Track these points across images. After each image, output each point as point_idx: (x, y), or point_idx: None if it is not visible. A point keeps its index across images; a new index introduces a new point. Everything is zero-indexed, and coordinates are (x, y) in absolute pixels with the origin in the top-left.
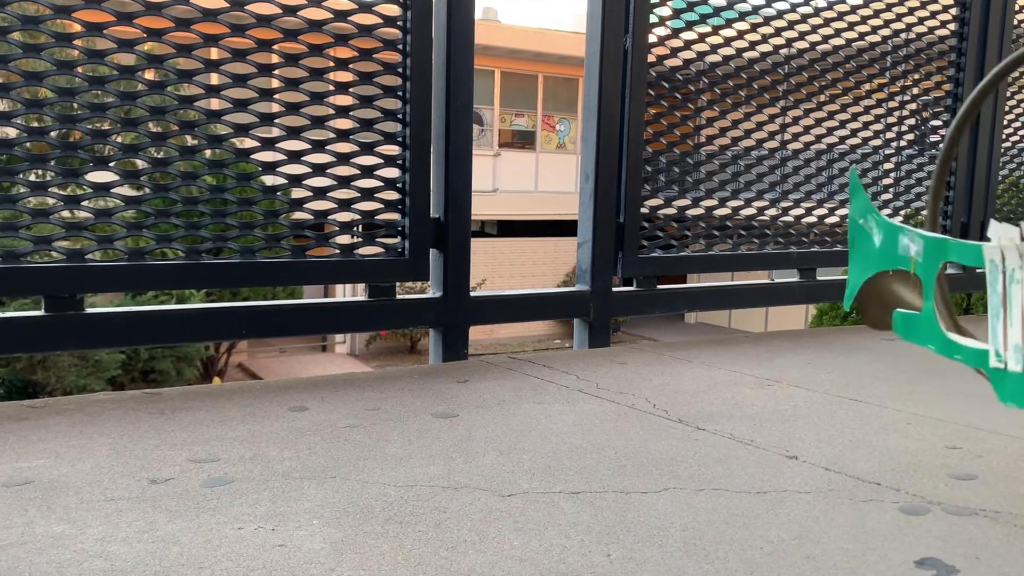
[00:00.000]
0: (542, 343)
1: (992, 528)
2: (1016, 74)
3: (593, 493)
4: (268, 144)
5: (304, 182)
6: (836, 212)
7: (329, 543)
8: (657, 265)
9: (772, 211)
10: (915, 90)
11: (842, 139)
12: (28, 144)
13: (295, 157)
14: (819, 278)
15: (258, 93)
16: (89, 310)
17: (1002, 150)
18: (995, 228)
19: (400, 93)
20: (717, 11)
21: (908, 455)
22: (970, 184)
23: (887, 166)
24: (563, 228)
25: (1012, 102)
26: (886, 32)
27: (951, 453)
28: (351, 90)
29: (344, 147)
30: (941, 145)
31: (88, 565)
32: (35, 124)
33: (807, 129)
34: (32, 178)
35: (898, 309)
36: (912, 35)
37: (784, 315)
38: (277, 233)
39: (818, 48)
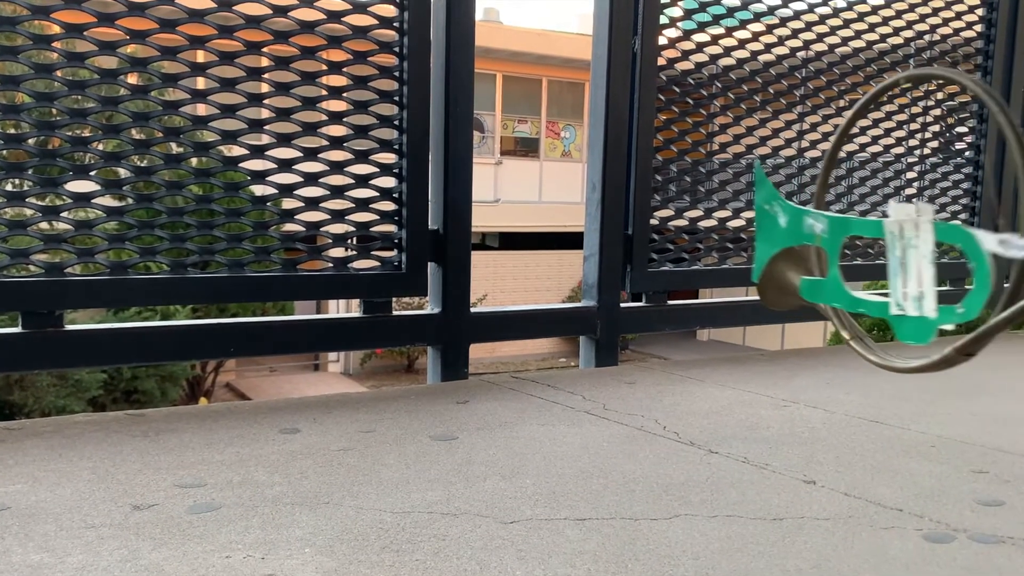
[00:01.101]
0: (546, 362)
1: (1021, 557)
2: None
3: (600, 520)
4: (257, 152)
5: (295, 192)
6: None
7: (322, 572)
8: (667, 279)
9: None
10: (939, 95)
11: (862, 147)
12: (4, 152)
13: (286, 165)
14: None
15: (247, 98)
16: (69, 327)
17: None
18: (894, 207)
19: (397, 98)
20: (731, 12)
21: (932, 480)
22: (998, 198)
23: (910, 175)
24: (568, 240)
25: None
26: (909, 33)
27: (978, 478)
28: (345, 95)
29: (338, 155)
30: (821, 163)
31: None
32: (11, 131)
33: (825, 136)
34: (8, 188)
35: (790, 286)
36: (936, 36)
37: (801, 332)
38: (267, 246)
39: (837, 50)
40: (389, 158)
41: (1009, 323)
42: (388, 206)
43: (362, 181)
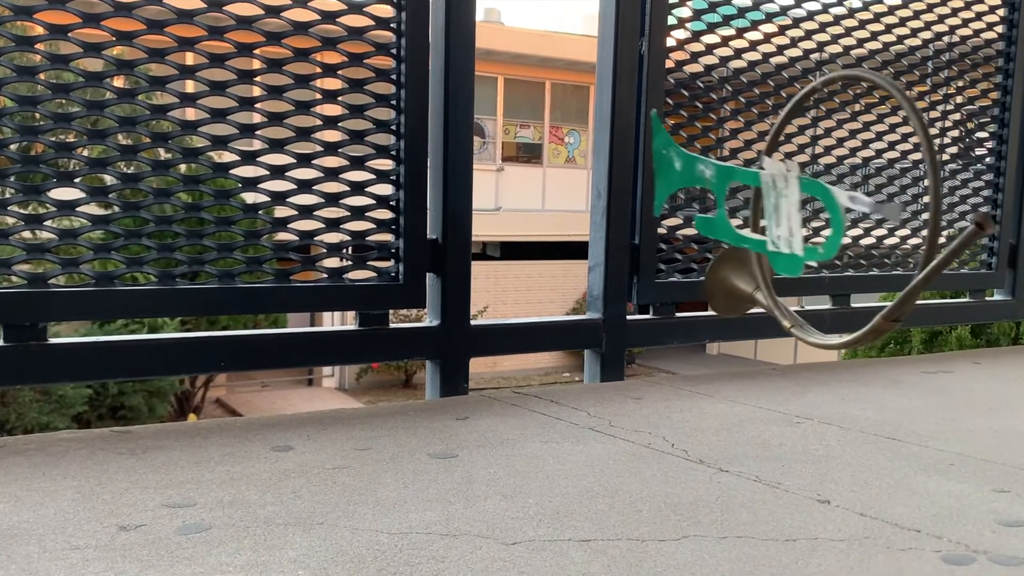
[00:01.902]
0: (549, 376)
1: None
2: None
3: (605, 541)
4: (249, 158)
5: (288, 200)
6: (872, 233)
7: None
8: (676, 291)
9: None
10: (959, 99)
11: (878, 152)
12: None
13: (278, 172)
14: (853, 305)
15: (238, 102)
16: (52, 340)
17: None
18: (768, 162)
19: (394, 102)
20: (742, 12)
21: (951, 499)
22: (1019, 207)
23: (927, 182)
24: (573, 250)
25: None
26: (927, 35)
27: (999, 497)
28: (340, 99)
29: (332, 161)
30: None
31: None
32: None
33: (840, 141)
34: None
35: (738, 291)
36: (955, 38)
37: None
38: (259, 256)
39: (852, 53)
40: (386, 164)
41: (925, 286)
42: (385, 214)
43: (358, 188)
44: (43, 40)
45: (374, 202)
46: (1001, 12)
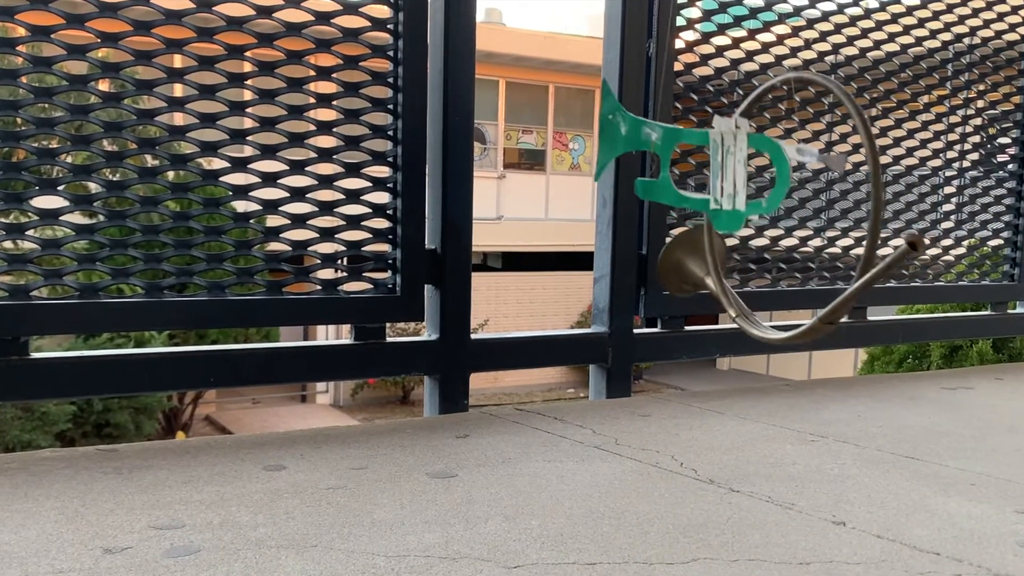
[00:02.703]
0: (553, 392)
1: None
2: None
3: (611, 564)
4: (240, 165)
5: (281, 208)
6: (890, 243)
7: None
8: (685, 303)
9: (816, 241)
10: (980, 103)
11: (896, 159)
12: None
13: (270, 180)
14: (870, 318)
15: (228, 106)
16: (35, 355)
17: None
18: (717, 120)
19: (391, 106)
20: (754, 13)
21: (972, 521)
22: None
23: (948, 190)
24: (577, 261)
25: None
26: (947, 37)
27: (1021, 519)
28: (335, 103)
29: (327, 168)
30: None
31: None
32: None
33: (856, 148)
34: None
35: (691, 275)
36: (977, 40)
37: (830, 360)
38: (250, 267)
39: (869, 55)
40: (382, 171)
41: (861, 292)
42: (381, 224)
43: (353, 197)
44: (25, 42)
45: (370, 211)
46: None
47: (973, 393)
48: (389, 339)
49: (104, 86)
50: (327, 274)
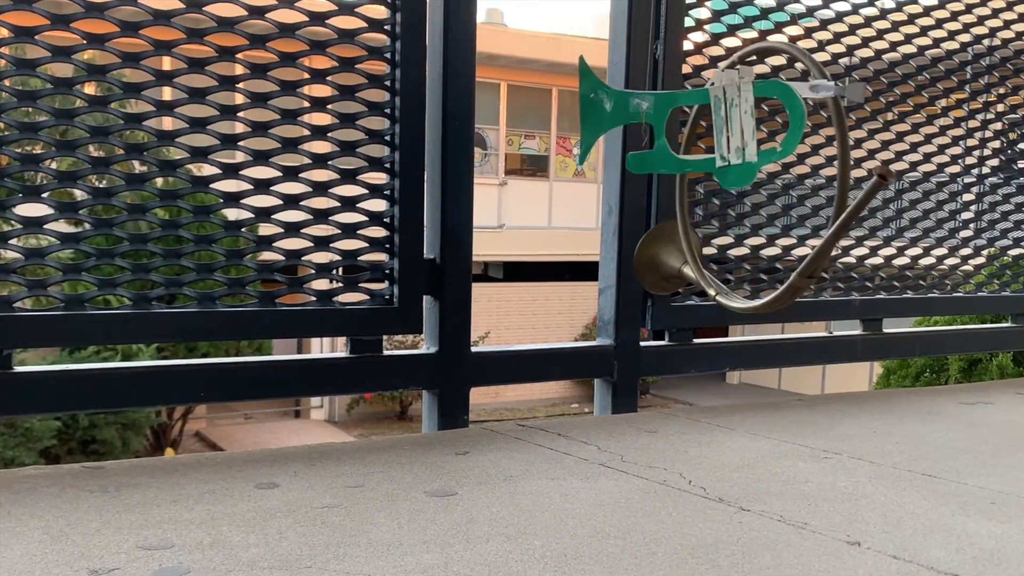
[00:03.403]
0: (556, 408)
1: None
2: None
3: None
4: (231, 171)
5: (274, 216)
6: (907, 252)
7: None
8: (694, 315)
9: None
10: (1000, 106)
11: (913, 165)
12: None
13: (263, 186)
14: (886, 330)
15: (219, 110)
16: (18, 368)
17: None
18: (718, 74)
19: (388, 111)
20: (765, 13)
21: (991, 541)
22: None
23: (967, 197)
24: (581, 271)
25: None
26: (966, 38)
27: None
28: (330, 107)
29: (321, 175)
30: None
31: None
32: None
33: (872, 153)
34: None
35: (668, 269)
36: (997, 41)
37: (844, 374)
38: (242, 277)
39: (884, 57)
40: (379, 178)
41: (837, 239)
42: (378, 232)
43: (349, 204)
44: (8, 44)
45: (366, 219)
46: None
47: (993, 408)
48: (386, 352)
49: (90, 89)
50: (322, 285)
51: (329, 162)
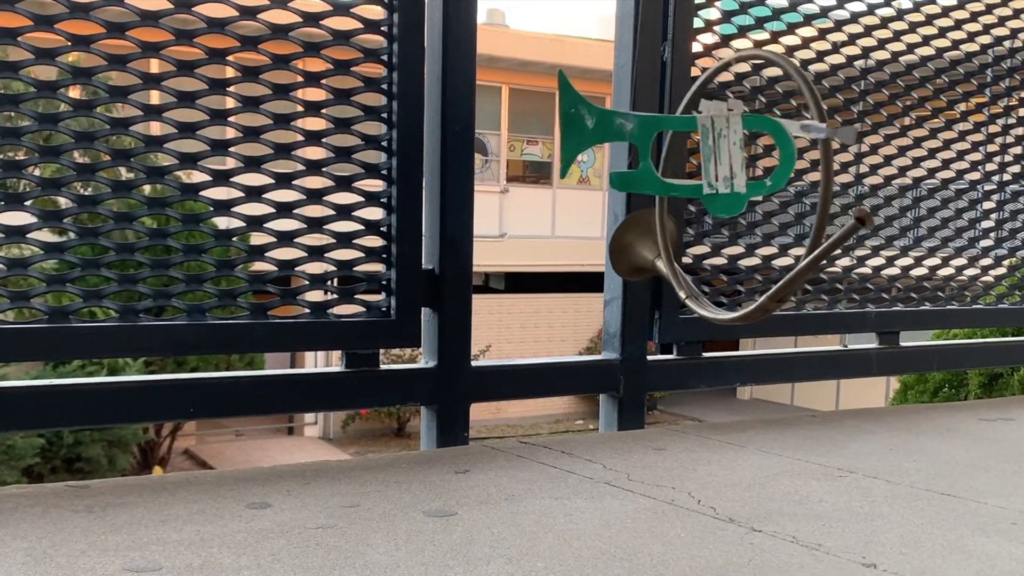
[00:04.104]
0: (560, 424)
1: None
2: None
3: None
4: (221, 178)
5: (266, 225)
6: (924, 262)
7: None
8: (703, 328)
9: (845, 261)
10: (1022, 111)
11: (931, 172)
12: None
13: (255, 194)
14: (903, 344)
15: (209, 115)
16: (0, 384)
17: None
18: (706, 104)
19: (384, 115)
20: (777, 14)
21: (1013, 563)
22: None
23: (987, 205)
24: (586, 282)
25: None
26: (986, 39)
27: None
28: (324, 111)
29: (315, 182)
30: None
31: None
32: None
33: (888, 160)
34: None
35: (643, 259)
36: (1018, 43)
37: (859, 390)
38: (232, 288)
39: (902, 59)
40: (376, 185)
41: (808, 272)
42: (374, 242)
43: (344, 212)
44: None
45: (362, 228)
46: None
47: (1014, 425)
48: (383, 366)
49: (75, 93)
50: (316, 296)
51: (323, 168)
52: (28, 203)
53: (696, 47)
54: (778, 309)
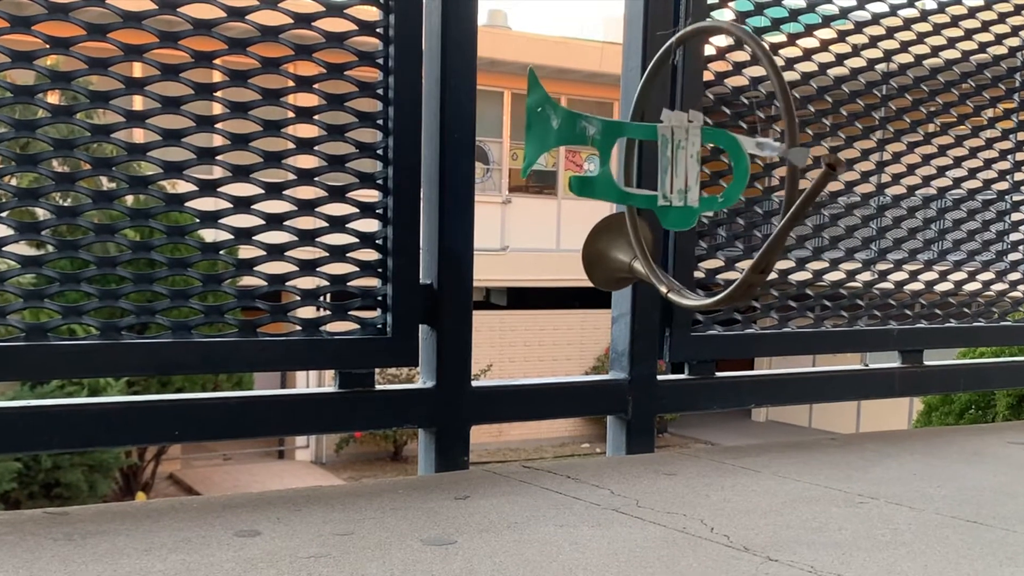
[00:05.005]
0: (565, 447)
1: None
2: None
3: None
4: (208, 188)
5: (255, 237)
6: (949, 277)
7: None
8: (716, 346)
9: (866, 275)
10: None
11: (957, 181)
12: None
13: (243, 205)
14: (927, 363)
15: (195, 121)
16: None
17: None
18: (667, 113)
19: (380, 121)
20: (794, 15)
21: None
22: None
23: (1016, 216)
24: (592, 297)
25: None
26: (1014, 42)
27: None
28: (316, 118)
29: (307, 192)
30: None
31: None
32: None
33: (911, 168)
34: None
35: (616, 262)
36: None
37: (881, 412)
38: (220, 304)
39: (926, 63)
40: (371, 195)
41: (787, 233)
42: (369, 255)
43: (338, 224)
44: None
45: (357, 240)
46: None
47: None
48: (378, 387)
49: (53, 98)
50: (308, 313)
51: (316, 178)
52: (4, 214)
53: (709, 50)
54: (762, 283)
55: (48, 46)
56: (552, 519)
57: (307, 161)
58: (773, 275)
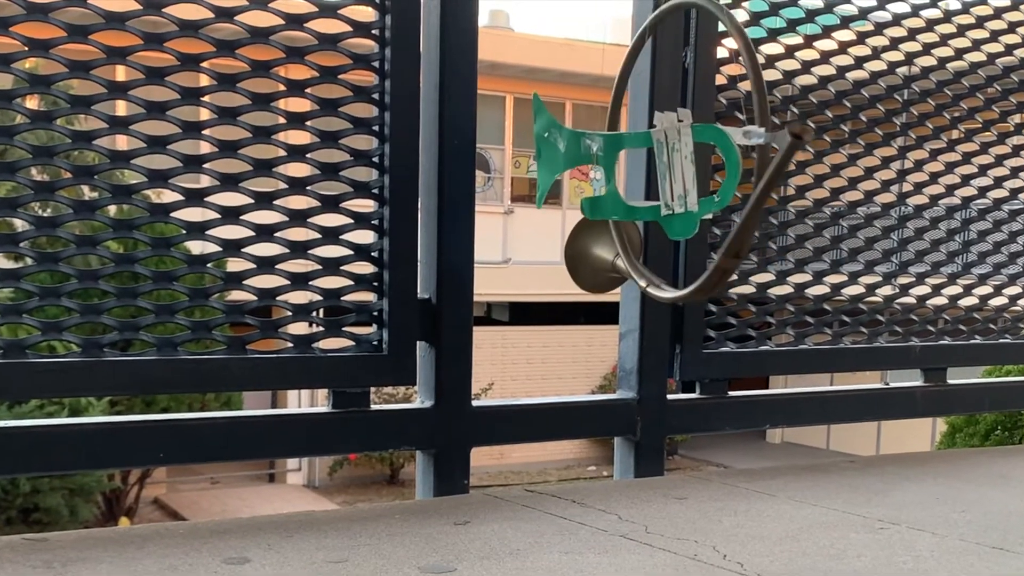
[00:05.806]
0: (570, 470)
1: None
2: None
3: None
4: (195, 197)
5: (244, 250)
6: (974, 291)
7: None
8: (729, 363)
9: (887, 289)
10: None
11: (982, 190)
12: None
13: (232, 215)
14: (950, 381)
15: (181, 127)
16: None
17: None
18: (659, 116)
19: (376, 127)
20: (811, 15)
21: None
22: None
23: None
24: (599, 313)
25: None
26: None
27: None
28: (309, 124)
29: (299, 202)
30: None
31: None
32: None
33: (934, 177)
34: None
35: (600, 261)
36: None
37: (902, 433)
38: (207, 320)
39: (949, 66)
40: (366, 205)
41: (758, 210)
42: (365, 268)
43: (331, 236)
44: None
45: (351, 253)
46: None
47: None
48: (374, 406)
49: (32, 103)
50: (300, 328)
51: (308, 187)
52: None
53: (721, 52)
54: (737, 268)
55: (27, 48)
56: (556, 546)
57: (299, 169)
58: (788, 289)
